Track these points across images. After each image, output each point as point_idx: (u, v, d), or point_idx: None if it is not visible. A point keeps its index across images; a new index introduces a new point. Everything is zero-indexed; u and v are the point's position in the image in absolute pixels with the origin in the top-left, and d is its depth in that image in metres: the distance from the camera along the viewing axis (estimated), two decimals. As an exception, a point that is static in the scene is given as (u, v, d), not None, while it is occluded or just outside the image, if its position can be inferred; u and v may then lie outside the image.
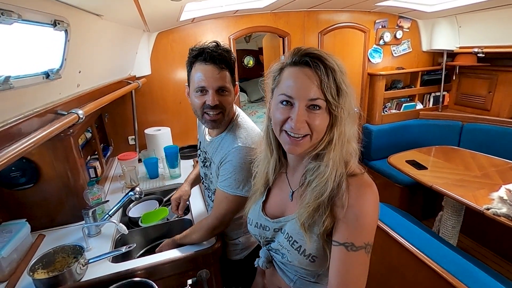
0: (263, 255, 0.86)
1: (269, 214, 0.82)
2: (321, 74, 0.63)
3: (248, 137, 1.05)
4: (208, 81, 0.98)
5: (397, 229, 1.53)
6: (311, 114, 0.65)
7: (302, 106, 0.65)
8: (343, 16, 2.89)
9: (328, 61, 0.64)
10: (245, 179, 1.01)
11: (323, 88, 0.63)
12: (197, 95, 1.02)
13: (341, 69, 0.65)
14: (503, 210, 1.57)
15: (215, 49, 0.98)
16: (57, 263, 1.12)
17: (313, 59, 0.64)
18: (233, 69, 1.04)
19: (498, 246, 2.35)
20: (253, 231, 0.85)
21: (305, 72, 0.64)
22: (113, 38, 1.56)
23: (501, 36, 2.61)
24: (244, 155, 1.01)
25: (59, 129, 0.89)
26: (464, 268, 1.26)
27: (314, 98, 0.64)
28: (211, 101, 0.99)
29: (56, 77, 0.96)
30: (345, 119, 0.66)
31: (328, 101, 0.64)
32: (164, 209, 1.54)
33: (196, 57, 0.99)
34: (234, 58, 1.04)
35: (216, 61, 0.97)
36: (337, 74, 0.64)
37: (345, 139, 0.68)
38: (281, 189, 0.83)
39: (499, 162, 2.29)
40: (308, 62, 0.64)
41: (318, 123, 0.65)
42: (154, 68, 2.46)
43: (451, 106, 3.40)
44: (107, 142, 2.37)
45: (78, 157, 1.42)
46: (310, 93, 0.64)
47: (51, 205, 1.38)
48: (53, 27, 0.87)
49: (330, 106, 0.65)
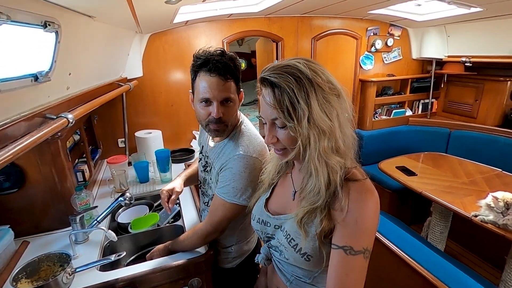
0: (263, 251, 0.89)
1: (271, 210, 0.85)
2: (274, 95, 0.66)
3: (250, 146, 1.04)
4: (213, 93, 0.96)
5: (387, 234, 1.55)
6: (279, 131, 0.70)
7: (269, 125, 0.71)
8: (336, 22, 2.92)
9: (276, 81, 0.65)
10: (243, 187, 1.00)
11: (276, 108, 0.66)
12: (201, 105, 1.01)
13: (302, 83, 0.64)
14: (490, 217, 1.60)
15: (220, 59, 0.96)
16: (42, 272, 1.07)
17: (264, 81, 0.68)
18: (238, 78, 1.03)
19: (484, 252, 2.40)
20: (255, 226, 0.88)
21: (265, 93, 0.69)
22: (105, 39, 1.52)
23: (488, 46, 2.69)
24: (245, 164, 1.00)
25: (48, 135, 0.85)
26: (452, 274, 1.29)
27: (273, 118, 0.69)
28: (216, 114, 0.98)
29: (45, 79, 0.93)
30: (308, 133, 0.65)
31: (284, 119, 0.66)
32: (154, 215, 1.51)
33: (200, 67, 0.97)
34: (240, 66, 1.03)
35: (221, 72, 0.95)
36: (289, 92, 0.64)
37: (318, 151, 0.66)
38: (285, 188, 0.85)
39: (486, 169, 2.35)
40: (264, 84, 0.69)
41: (283, 138, 0.70)
42: (146, 70, 2.42)
43: (439, 113, 3.48)
44: (95, 145, 2.32)
45: (65, 161, 1.38)
46: (270, 113, 0.69)
47: (36, 211, 1.34)
48: (43, 28, 0.84)
49: (287, 123, 0.66)
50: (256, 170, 1.00)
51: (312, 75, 0.65)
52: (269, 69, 0.68)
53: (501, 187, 1.99)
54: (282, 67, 0.67)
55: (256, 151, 1.03)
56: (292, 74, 0.65)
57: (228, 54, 1.00)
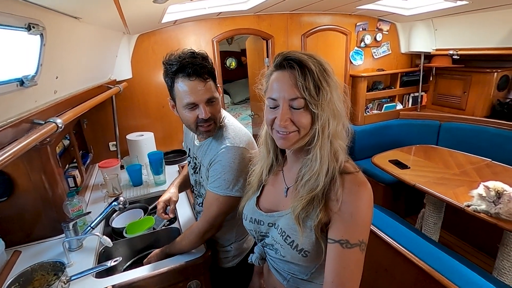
0: (257, 251, 0.88)
1: (263, 208, 0.85)
2: (298, 75, 0.67)
3: (236, 137, 1.05)
4: (197, 95, 0.97)
5: (382, 227, 1.56)
6: (295, 112, 0.69)
7: (285, 106, 0.69)
8: (325, 19, 2.93)
9: (304, 62, 0.67)
10: (235, 178, 1.00)
11: (300, 88, 0.67)
12: (187, 110, 1.01)
13: (322, 68, 0.68)
14: (482, 207, 1.63)
15: (194, 61, 0.95)
16: (35, 281, 1.04)
17: (289, 62, 0.68)
18: (215, 75, 1.03)
19: (477, 240, 2.45)
20: (248, 226, 0.87)
21: (284, 75, 0.69)
22: (92, 41, 1.49)
23: (474, 39, 2.74)
24: (233, 155, 1.01)
25: (36, 141, 0.83)
26: (446, 264, 1.31)
27: (293, 98, 0.68)
28: (204, 115, 0.99)
29: (31, 84, 0.90)
30: (327, 115, 0.68)
31: (306, 99, 0.67)
32: (150, 218, 1.49)
33: (176, 73, 0.96)
34: (212, 62, 1.03)
35: (199, 74, 0.95)
36: (315, 74, 0.66)
37: (329, 134, 0.69)
38: (276, 185, 0.85)
39: (476, 160, 2.39)
40: (285, 66, 0.69)
41: (302, 120, 0.69)
42: (135, 71, 2.39)
43: (429, 106, 3.53)
44: (86, 149, 2.27)
45: (55, 167, 1.34)
46: (289, 93, 0.68)
47: (27, 219, 1.30)
48: (27, 31, 0.81)
49: (309, 104, 0.67)
50: (245, 160, 1.01)
51: (327, 65, 0.70)
52: (291, 53, 0.70)
53: (492, 176, 2.03)
54: (302, 53, 0.70)
55: (243, 141, 1.04)
56: (315, 58, 0.69)
57: (199, 53, 1.00)
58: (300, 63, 0.67)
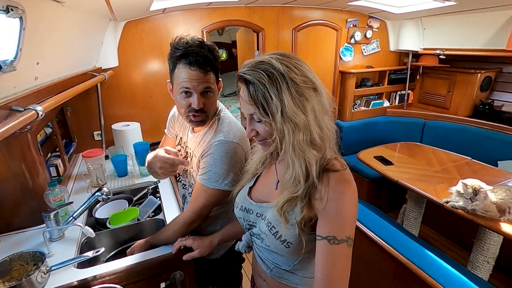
0: (244, 239, 0.90)
1: (254, 198, 0.87)
2: (249, 91, 0.68)
3: (230, 132, 1.05)
4: (193, 84, 0.96)
5: (365, 222, 1.60)
6: (257, 125, 0.73)
7: (249, 119, 0.74)
8: (316, 13, 2.92)
9: (249, 78, 0.67)
10: (225, 172, 1.01)
11: (252, 104, 0.68)
12: (181, 96, 1.00)
13: (275, 78, 0.65)
14: (460, 203, 1.70)
15: (199, 51, 0.94)
16: (14, 271, 1.02)
17: (240, 79, 0.70)
18: (218, 69, 1.03)
19: (455, 235, 2.55)
20: (238, 213, 0.89)
21: (243, 90, 0.71)
22: (76, 26, 1.44)
23: (460, 39, 2.80)
24: (226, 149, 1.01)
25: (15, 128, 0.80)
26: (424, 257, 1.36)
27: (251, 113, 0.72)
28: (197, 105, 0.98)
29: (10, 69, 0.87)
30: (281, 126, 0.67)
31: (260, 115, 0.68)
32: (134, 209, 1.47)
33: (179, 58, 0.96)
34: (218, 56, 1.02)
35: (201, 66, 0.95)
36: (262, 89, 0.66)
37: (292, 145, 0.68)
38: (269, 177, 0.87)
39: (457, 158, 2.47)
40: (241, 81, 0.70)
41: (261, 131, 0.73)
42: (122, 60, 2.33)
43: (415, 104, 3.61)
44: (70, 138, 2.22)
45: (36, 155, 1.31)
46: (247, 109, 0.72)
47: (6, 208, 1.26)
48: (5, 13, 0.78)
49: (262, 117, 0.69)
50: (237, 155, 1.02)
51: (285, 70, 0.65)
52: (245, 66, 0.70)
53: (471, 174, 2.11)
54: (256, 63, 0.68)
55: (236, 137, 1.04)
56: (265, 70, 0.66)
57: (207, 44, 0.99)
58: (246, 80, 0.68)
